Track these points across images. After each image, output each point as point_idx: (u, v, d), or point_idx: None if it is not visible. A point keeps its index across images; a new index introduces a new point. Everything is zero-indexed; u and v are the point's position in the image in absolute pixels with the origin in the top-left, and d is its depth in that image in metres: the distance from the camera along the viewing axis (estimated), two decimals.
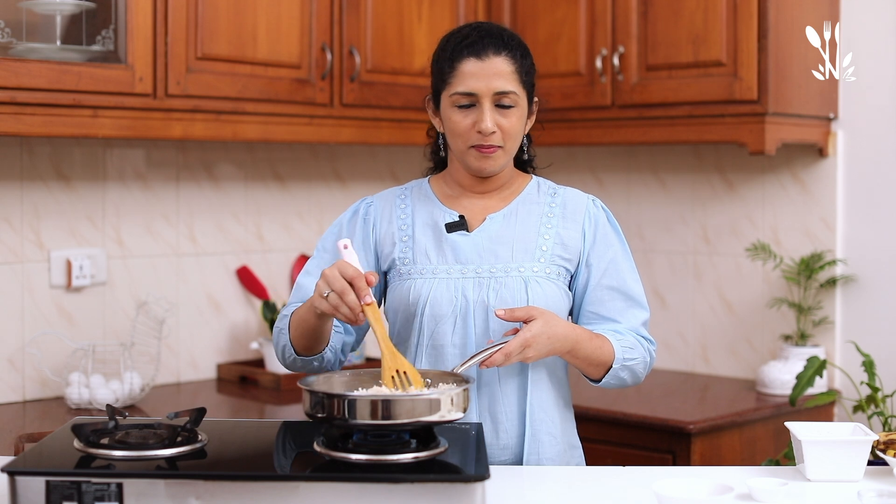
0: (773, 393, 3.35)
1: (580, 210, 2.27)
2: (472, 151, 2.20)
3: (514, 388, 2.20)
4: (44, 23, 2.95)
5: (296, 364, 2.24)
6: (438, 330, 2.19)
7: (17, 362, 3.14)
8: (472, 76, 2.18)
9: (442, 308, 2.19)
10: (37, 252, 3.19)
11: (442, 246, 2.24)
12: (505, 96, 2.18)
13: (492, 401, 2.20)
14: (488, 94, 2.17)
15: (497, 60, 2.18)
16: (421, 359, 2.21)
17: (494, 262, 2.21)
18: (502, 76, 2.18)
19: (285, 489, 1.75)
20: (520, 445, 2.20)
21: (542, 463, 2.20)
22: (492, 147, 2.19)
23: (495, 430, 2.20)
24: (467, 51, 2.19)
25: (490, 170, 2.22)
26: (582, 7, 3.56)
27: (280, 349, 2.25)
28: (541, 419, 2.21)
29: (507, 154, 2.22)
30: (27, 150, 3.16)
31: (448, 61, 2.21)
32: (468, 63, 2.18)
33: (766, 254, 3.49)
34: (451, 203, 2.29)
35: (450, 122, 2.21)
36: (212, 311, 3.55)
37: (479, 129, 2.17)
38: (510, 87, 2.18)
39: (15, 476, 1.75)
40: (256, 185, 3.65)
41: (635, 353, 2.23)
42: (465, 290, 2.20)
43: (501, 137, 2.19)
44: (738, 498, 1.89)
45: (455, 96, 2.19)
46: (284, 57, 3.26)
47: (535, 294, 2.18)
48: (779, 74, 3.21)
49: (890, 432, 2.16)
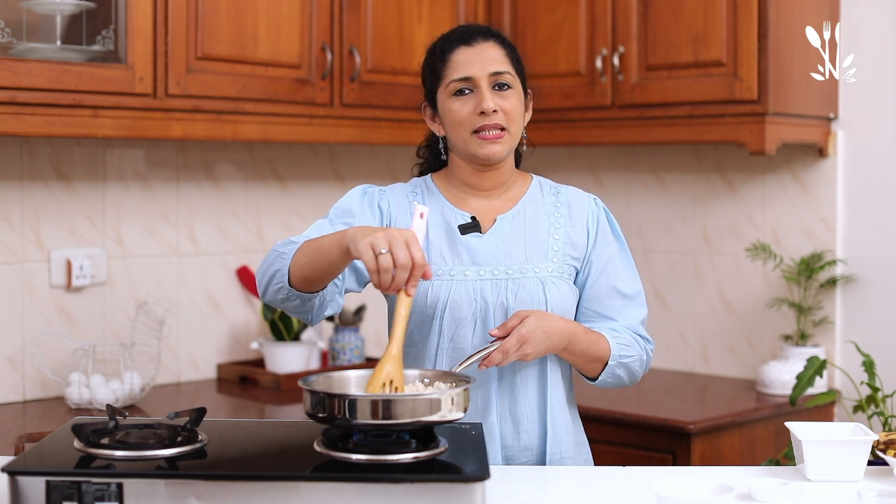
0: (773, 393, 3.35)
1: (584, 209, 2.29)
2: (476, 139, 2.20)
3: (535, 389, 2.21)
4: (44, 23, 2.95)
5: (279, 294, 2.07)
6: (459, 333, 2.19)
7: (17, 362, 3.14)
8: (465, 62, 2.20)
9: (462, 311, 2.18)
10: (37, 252, 3.19)
11: (456, 247, 2.23)
12: (501, 76, 2.20)
13: (513, 402, 2.20)
14: (484, 75, 2.19)
15: (487, 45, 2.22)
16: (442, 361, 2.20)
17: (510, 264, 2.21)
18: (495, 59, 2.21)
19: (285, 489, 1.75)
20: (542, 446, 2.20)
21: (564, 462, 2.21)
22: (496, 129, 2.19)
23: (516, 432, 2.20)
24: (457, 41, 2.23)
25: (497, 155, 2.20)
26: (582, 7, 3.56)
27: (269, 273, 2.08)
28: (560, 419, 2.22)
29: (512, 138, 2.22)
30: (27, 150, 3.16)
31: (440, 56, 2.24)
32: (460, 52, 2.22)
33: (766, 254, 3.49)
34: (459, 203, 2.28)
35: (450, 112, 2.21)
36: (212, 311, 3.55)
37: (481, 110, 2.18)
38: (504, 67, 2.21)
39: (15, 476, 1.75)
40: (256, 185, 3.65)
41: (632, 350, 2.24)
42: (484, 292, 2.19)
43: (504, 118, 2.20)
44: (738, 498, 1.89)
45: (452, 84, 2.20)
46: (284, 57, 3.26)
47: (553, 295, 2.19)
48: (779, 74, 3.21)
49: (890, 432, 2.16)
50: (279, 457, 1.96)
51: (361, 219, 2.21)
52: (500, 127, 2.19)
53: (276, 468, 1.86)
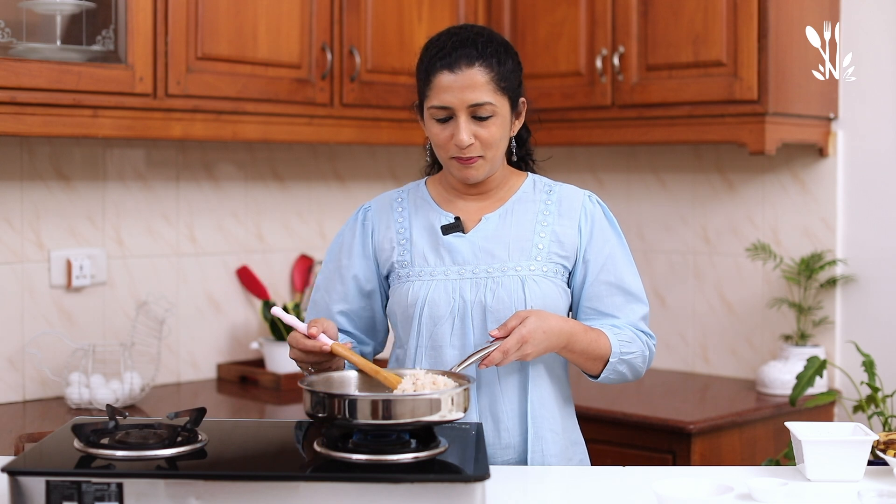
0: (773, 393, 3.35)
1: (576, 206, 2.27)
2: (454, 162, 2.21)
3: (514, 387, 2.20)
4: (44, 23, 2.95)
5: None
6: (437, 331, 2.20)
7: (17, 362, 3.14)
8: (446, 90, 2.17)
9: (440, 309, 2.20)
10: (37, 252, 3.19)
11: (439, 248, 2.24)
12: (480, 108, 2.17)
13: (492, 400, 2.20)
14: (462, 107, 2.16)
15: (470, 72, 2.17)
16: (421, 360, 2.21)
17: (491, 263, 2.21)
18: (476, 88, 2.16)
19: (285, 489, 1.75)
20: (523, 444, 2.20)
21: (546, 461, 2.20)
22: (471, 158, 2.19)
23: (497, 430, 2.20)
24: (440, 63, 2.18)
25: (473, 178, 2.23)
26: (582, 7, 3.56)
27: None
28: (542, 416, 2.21)
29: (490, 162, 2.22)
30: (27, 150, 3.16)
31: (424, 73, 2.22)
32: (442, 76, 2.18)
33: (766, 254, 3.49)
34: (447, 205, 2.29)
35: (431, 133, 2.23)
36: (212, 311, 3.55)
37: (455, 143, 2.18)
38: (485, 98, 2.16)
39: (15, 476, 1.75)
40: (256, 185, 3.65)
41: (633, 346, 2.23)
42: (463, 291, 2.20)
43: (480, 147, 2.19)
44: (738, 498, 1.89)
45: (432, 110, 2.20)
46: (284, 57, 3.26)
47: (532, 292, 2.18)
48: (779, 74, 3.21)
49: (890, 432, 2.16)
50: (279, 457, 1.96)
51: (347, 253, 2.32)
52: (476, 155, 2.20)
53: (276, 468, 1.86)
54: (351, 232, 2.33)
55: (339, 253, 2.33)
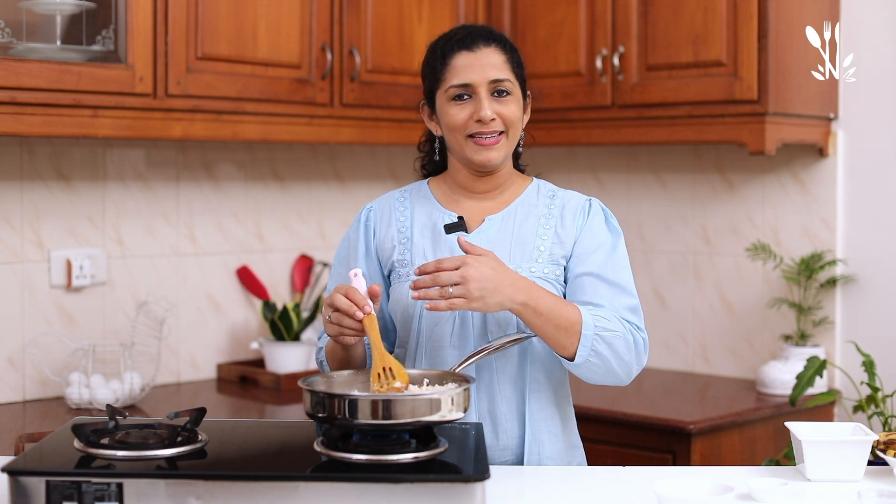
0: (773, 393, 3.35)
1: (578, 211, 2.26)
2: (472, 144, 2.20)
3: (513, 389, 2.20)
4: (44, 23, 2.96)
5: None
6: (437, 331, 2.20)
7: (17, 362, 3.14)
8: (465, 68, 2.20)
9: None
10: (37, 252, 3.19)
11: (440, 247, 2.24)
12: (500, 83, 2.20)
13: (491, 402, 2.20)
14: (484, 82, 2.19)
15: (488, 51, 2.21)
16: (420, 360, 2.21)
17: None
18: (495, 65, 2.20)
19: (285, 489, 1.75)
20: (520, 446, 2.20)
21: (543, 463, 2.19)
22: (494, 135, 2.19)
23: (495, 432, 2.19)
24: (458, 45, 2.22)
25: (493, 161, 2.21)
26: (582, 7, 3.56)
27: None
28: (541, 419, 2.20)
29: (510, 142, 2.22)
30: (27, 150, 3.16)
31: (440, 58, 2.23)
32: (460, 56, 2.21)
33: (766, 254, 3.49)
34: (451, 205, 2.29)
35: (447, 116, 2.21)
36: (212, 311, 3.55)
37: (478, 118, 2.18)
38: (504, 74, 2.20)
39: (15, 476, 1.75)
40: (256, 185, 3.65)
41: (612, 325, 2.11)
42: None
43: (503, 124, 2.20)
44: (738, 498, 1.89)
45: (451, 89, 2.20)
46: (284, 57, 3.26)
47: None
48: (779, 74, 3.21)
49: (890, 432, 2.16)
50: (279, 457, 1.96)
51: (353, 255, 2.31)
52: (497, 132, 2.20)
53: (276, 468, 1.86)
54: (355, 234, 2.33)
55: (346, 256, 2.33)
